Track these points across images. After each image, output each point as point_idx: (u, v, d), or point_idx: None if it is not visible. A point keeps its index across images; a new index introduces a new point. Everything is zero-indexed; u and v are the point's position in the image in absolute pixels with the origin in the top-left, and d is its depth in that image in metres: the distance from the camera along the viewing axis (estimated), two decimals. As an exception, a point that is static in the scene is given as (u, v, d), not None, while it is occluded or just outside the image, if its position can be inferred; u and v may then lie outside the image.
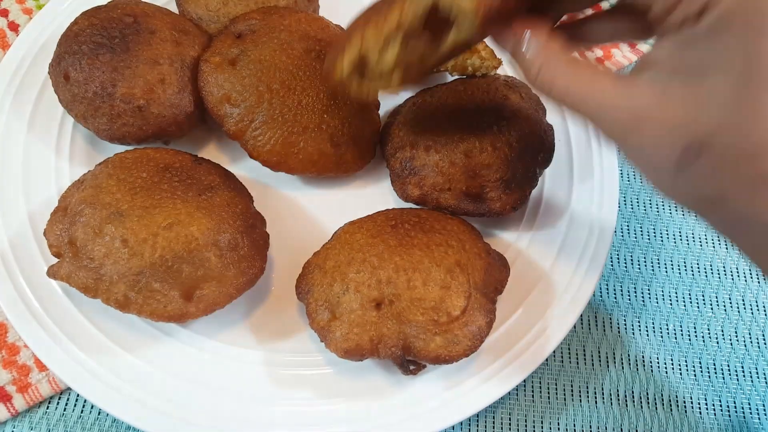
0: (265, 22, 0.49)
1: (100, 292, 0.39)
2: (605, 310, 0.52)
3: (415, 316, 0.39)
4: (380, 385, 0.43)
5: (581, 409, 0.48)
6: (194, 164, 0.45)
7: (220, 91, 0.47)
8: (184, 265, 0.40)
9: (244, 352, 0.45)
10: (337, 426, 0.42)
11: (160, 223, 0.40)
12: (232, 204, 0.44)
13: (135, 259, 0.39)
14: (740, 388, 0.49)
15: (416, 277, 0.40)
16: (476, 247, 0.43)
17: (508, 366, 0.44)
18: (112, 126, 0.46)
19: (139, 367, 0.43)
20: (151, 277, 0.39)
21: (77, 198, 0.41)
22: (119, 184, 0.41)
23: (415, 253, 0.41)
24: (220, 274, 0.41)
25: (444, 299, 0.40)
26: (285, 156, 0.47)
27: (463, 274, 0.41)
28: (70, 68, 0.46)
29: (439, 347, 0.39)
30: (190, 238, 0.40)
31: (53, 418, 0.46)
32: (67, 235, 0.40)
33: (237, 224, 0.43)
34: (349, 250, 0.43)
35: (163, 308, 0.39)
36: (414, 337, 0.40)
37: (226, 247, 0.41)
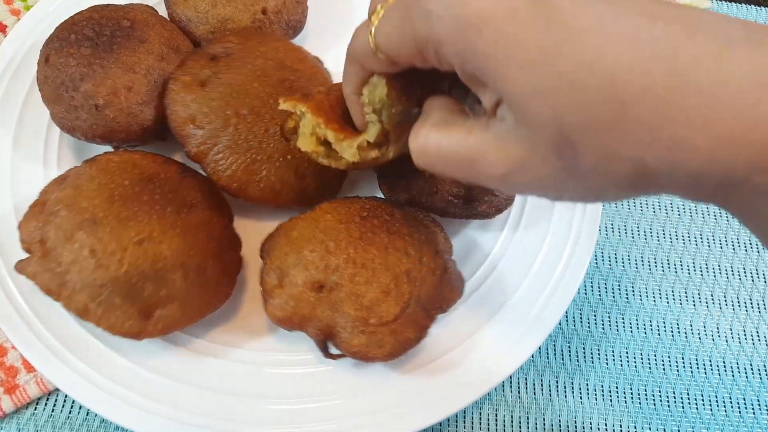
0: (242, 47, 0.49)
1: (62, 297, 0.39)
2: (590, 307, 0.53)
3: (349, 309, 0.40)
4: (367, 383, 0.44)
5: (566, 405, 0.49)
6: (180, 177, 0.45)
7: (185, 111, 0.46)
8: (147, 284, 0.40)
9: (231, 351, 0.45)
10: (325, 424, 0.42)
11: (131, 238, 0.40)
12: (209, 225, 0.43)
13: (100, 271, 0.39)
14: (722, 382, 0.50)
15: (362, 274, 0.41)
16: (434, 263, 0.43)
17: (493, 362, 0.44)
18: (66, 116, 0.46)
19: (128, 368, 0.43)
20: (114, 291, 0.39)
21: (56, 197, 0.41)
22: (99, 189, 0.41)
23: (370, 250, 0.41)
24: (183, 297, 0.41)
25: (380, 303, 0.40)
26: (246, 183, 0.46)
27: (409, 284, 0.41)
28: (52, 51, 0.47)
29: (361, 345, 0.40)
30: (159, 257, 0.40)
31: (41, 419, 0.45)
32: (40, 234, 0.40)
33: (209, 247, 0.42)
34: (314, 227, 0.43)
35: (120, 324, 0.39)
36: (341, 328, 0.41)
37: (193, 270, 0.41)
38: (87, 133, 0.46)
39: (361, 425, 0.42)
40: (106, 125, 0.46)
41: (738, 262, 0.56)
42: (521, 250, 0.50)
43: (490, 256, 0.49)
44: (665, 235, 0.57)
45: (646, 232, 0.57)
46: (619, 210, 0.58)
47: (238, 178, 0.46)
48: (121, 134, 0.47)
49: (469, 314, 0.47)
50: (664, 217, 0.58)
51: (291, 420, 0.42)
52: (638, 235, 0.57)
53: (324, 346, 0.42)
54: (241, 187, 0.46)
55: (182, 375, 0.43)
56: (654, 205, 0.58)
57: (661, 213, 0.58)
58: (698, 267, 0.56)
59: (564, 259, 0.49)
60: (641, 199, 0.59)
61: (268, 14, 0.53)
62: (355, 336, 0.40)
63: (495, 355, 0.45)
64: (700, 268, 0.56)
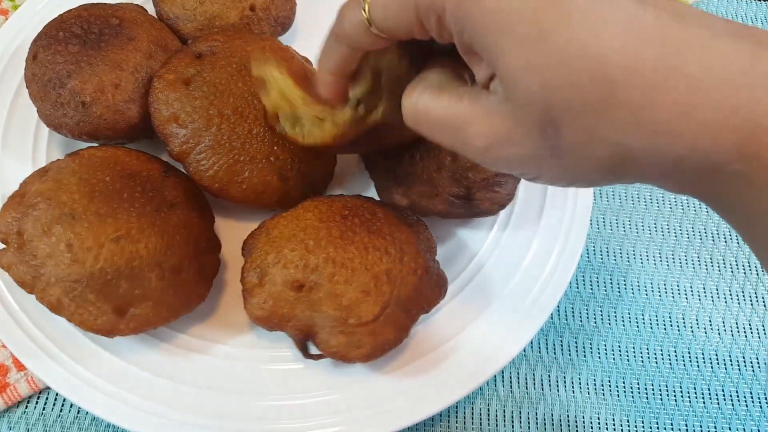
0: (227, 46, 0.48)
1: (36, 289, 0.39)
2: (582, 301, 0.53)
3: (328, 308, 0.40)
4: (360, 378, 0.44)
5: (559, 399, 0.48)
6: (162, 176, 0.45)
7: (168, 109, 0.46)
8: (122, 281, 0.39)
9: (222, 349, 0.45)
10: (312, 420, 0.42)
11: (109, 234, 0.40)
12: (188, 226, 0.43)
13: (76, 266, 0.39)
14: (714, 375, 0.50)
15: (342, 274, 0.40)
16: (415, 263, 0.42)
17: (484, 356, 0.44)
18: (54, 113, 0.46)
19: (119, 366, 0.43)
20: (88, 287, 0.39)
21: (36, 189, 0.41)
22: (80, 183, 0.41)
23: (350, 250, 0.41)
24: (157, 296, 0.41)
25: (360, 303, 0.40)
26: (228, 183, 0.46)
27: (389, 284, 0.41)
28: (40, 48, 0.47)
29: (339, 345, 0.40)
30: (135, 255, 0.40)
31: (32, 418, 0.45)
32: (17, 225, 0.40)
33: (187, 249, 0.42)
34: (295, 225, 0.43)
35: (93, 320, 0.39)
36: (320, 328, 0.40)
37: (169, 270, 0.41)
38: (74, 130, 0.46)
39: (350, 421, 0.42)
40: (93, 122, 0.46)
41: (730, 254, 0.56)
42: (511, 245, 0.50)
43: (480, 251, 0.49)
44: (657, 228, 0.57)
45: (638, 226, 0.57)
46: (610, 203, 0.58)
47: (219, 178, 0.46)
48: (108, 132, 0.46)
49: (460, 309, 0.47)
50: (656, 211, 0.58)
51: (279, 416, 0.42)
52: (630, 228, 0.57)
53: (303, 346, 0.42)
54: (223, 188, 0.46)
55: (173, 372, 0.43)
56: (645, 198, 0.58)
57: (652, 206, 0.58)
58: (690, 260, 0.56)
59: (555, 253, 0.49)
60: (633, 192, 0.59)
61: (257, 11, 0.53)
62: (334, 336, 0.40)
63: (486, 350, 0.45)
64: (692, 261, 0.55)
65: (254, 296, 0.42)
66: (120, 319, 0.40)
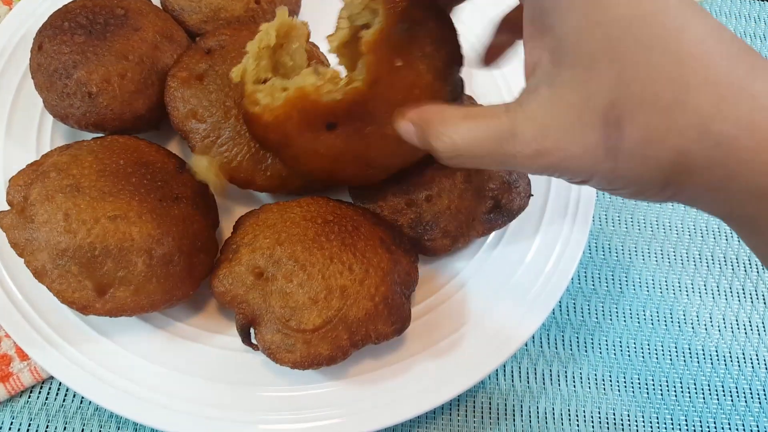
0: (235, 38, 0.49)
1: (25, 253, 0.39)
2: (584, 297, 0.53)
3: (275, 304, 0.40)
4: (363, 370, 0.44)
5: (560, 393, 0.49)
6: (176, 171, 0.45)
7: (186, 106, 0.46)
8: (108, 260, 0.39)
9: (225, 339, 0.45)
10: (319, 410, 0.42)
11: (107, 211, 0.40)
12: (188, 221, 0.43)
13: (66, 236, 0.39)
14: (714, 371, 0.51)
15: (298, 275, 0.40)
16: (375, 289, 0.41)
17: (487, 350, 0.44)
18: (60, 103, 0.46)
19: (122, 355, 0.43)
20: (73, 259, 0.39)
21: (53, 160, 0.42)
22: (94, 162, 0.42)
23: (315, 254, 0.41)
24: (140, 282, 0.40)
25: (305, 309, 0.40)
26: (252, 173, 0.46)
27: (340, 301, 0.40)
28: (45, 39, 0.47)
29: (273, 342, 0.40)
30: (127, 237, 0.40)
31: (35, 408, 0.46)
32: (25, 190, 0.41)
33: (181, 242, 0.42)
34: (279, 217, 0.43)
35: (71, 292, 0.39)
36: (263, 320, 0.40)
37: (158, 259, 0.41)
38: (80, 120, 0.46)
39: (351, 413, 0.42)
40: (99, 113, 0.46)
41: (731, 252, 0.56)
42: (516, 239, 0.50)
43: (485, 245, 0.49)
44: (658, 225, 0.57)
45: (640, 223, 0.57)
46: (613, 201, 0.58)
47: (244, 168, 0.46)
48: (114, 122, 0.46)
49: (464, 301, 0.47)
50: (658, 208, 0.58)
51: (277, 408, 0.42)
52: (632, 225, 0.57)
53: (245, 332, 0.41)
54: (249, 178, 0.46)
55: (177, 363, 0.43)
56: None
57: (654, 204, 0.58)
58: (691, 257, 0.56)
59: (557, 249, 0.49)
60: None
61: (262, 3, 0.53)
62: (271, 332, 0.40)
63: (488, 343, 0.45)
64: (692, 258, 0.56)
65: (220, 269, 0.42)
66: (98, 298, 0.40)
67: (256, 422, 0.42)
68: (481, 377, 0.43)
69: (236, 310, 0.41)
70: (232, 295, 0.41)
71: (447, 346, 0.45)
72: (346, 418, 0.42)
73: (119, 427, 0.45)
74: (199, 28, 0.52)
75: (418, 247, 0.47)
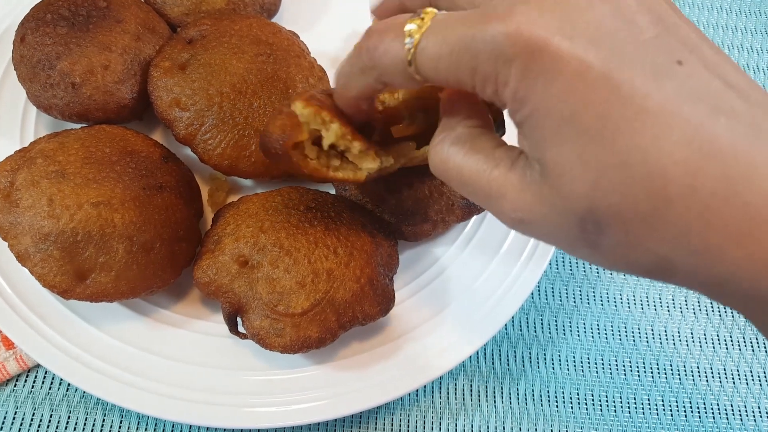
0: (216, 27, 0.49)
1: (9, 236, 0.40)
2: (561, 281, 0.54)
3: (262, 290, 0.41)
4: (346, 354, 0.45)
5: (539, 375, 0.50)
6: (161, 161, 0.46)
7: (169, 95, 0.47)
8: (90, 246, 0.40)
9: (209, 325, 0.46)
10: (303, 393, 0.43)
11: (90, 198, 0.40)
12: (170, 210, 0.44)
13: (50, 221, 0.40)
14: (690, 352, 0.52)
15: (284, 260, 0.41)
16: (361, 271, 0.42)
17: (467, 331, 0.45)
18: (43, 94, 0.47)
19: (107, 341, 0.44)
20: (56, 243, 0.40)
21: (40, 147, 0.43)
22: (80, 149, 0.42)
23: (300, 240, 0.42)
24: (120, 269, 0.41)
25: (292, 293, 0.40)
26: (236, 159, 0.47)
27: (327, 283, 0.41)
28: (28, 31, 0.47)
29: (262, 328, 0.41)
30: (109, 223, 0.40)
31: (21, 396, 0.46)
32: (12, 175, 0.41)
33: (162, 231, 0.43)
34: (261, 205, 0.44)
35: (52, 276, 0.40)
36: (250, 307, 0.41)
37: (139, 246, 0.41)
38: (63, 111, 0.47)
39: (333, 395, 0.43)
40: (83, 103, 0.46)
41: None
42: (495, 224, 0.51)
43: (465, 230, 0.50)
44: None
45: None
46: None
47: (228, 155, 0.47)
48: (98, 112, 0.47)
49: (446, 285, 0.48)
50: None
51: (261, 391, 0.43)
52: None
53: (232, 321, 0.42)
54: (233, 164, 0.47)
55: (162, 348, 0.44)
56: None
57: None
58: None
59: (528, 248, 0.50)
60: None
61: (243, -5, 0.53)
62: (259, 318, 0.41)
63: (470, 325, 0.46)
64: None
65: (203, 261, 0.43)
66: (78, 283, 0.41)
67: (241, 405, 0.42)
68: (461, 359, 0.44)
69: (222, 299, 0.42)
70: (216, 285, 0.42)
71: (429, 329, 0.46)
72: (329, 401, 0.43)
73: (105, 413, 0.46)
74: (180, 21, 0.53)
75: (400, 232, 0.47)
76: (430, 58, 0.27)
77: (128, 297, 0.42)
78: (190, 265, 0.45)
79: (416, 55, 0.27)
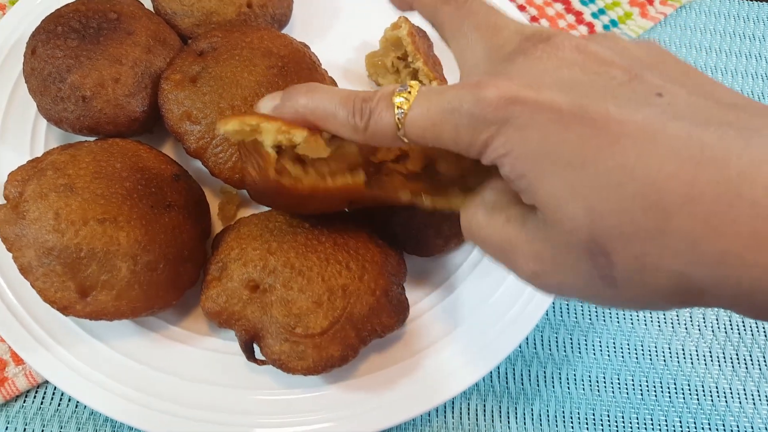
0: (227, 40, 0.49)
1: (14, 248, 0.40)
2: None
3: (277, 313, 0.40)
4: (350, 375, 0.44)
5: (554, 394, 0.49)
6: (172, 179, 0.45)
7: (180, 108, 0.46)
8: (93, 263, 0.40)
9: (222, 343, 0.45)
10: (312, 414, 0.42)
11: (96, 214, 0.40)
12: (177, 230, 0.43)
13: (54, 235, 0.39)
14: (708, 372, 0.51)
15: (297, 281, 0.40)
16: (375, 283, 0.41)
17: (481, 350, 0.44)
18: (53, 107, 0.46)
19: (118, 359, 0.43)
20: (59, 258, 0.39)
21: (52, 158, 0.42)
22: (91, 163, 0.42)
23: (311, 258, 0.41)
24: (122, 288, 0.40)
25: (310, 313, 0.39)
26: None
27: (344, 299, 0.40)
28: (39, 43, 0.47)
29: (282, 352, 0.40)
30: (114, 241, 0.40)
31: (30, 412, 0.46)
32: (22, 186, 0.41)
33: (167, 251, 0.42)
34: (264, 225, 0.43)
35: (53, 292, 0.40)
36: (267, 332, 0.40)
37: (142, 265, 0.41)
38: (74, 124, 0.46)
39: (340, 418, 0.42)
40: (93, 117, 0.46)
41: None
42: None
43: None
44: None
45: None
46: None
47: (239, 169, 0.46)
48: (108, 126, 0.47)
49: (459, 301, 0.47)
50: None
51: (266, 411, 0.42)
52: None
53: (249, 348, 0.41)
54: (244, 179, 0.46)
55: (171, 366, 0.43)
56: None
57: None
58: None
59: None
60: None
61: (254, 7, 0.53)
62: (279, 343, 0.40)
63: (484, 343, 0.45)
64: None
65: (210, 289, 0.42)
66: (79, 299, 0.40)
67: (253, 426, 0.42)
68: (476, 379, 0.43)
69: (236, 328, 0.41)
70: (228, 313, 0.41)
71: (442, 348, 0.45)
72: (339, 422, 0.42)
73: (114, 431, 0.45)
74: (191, 32, 0.52)
75: (412, 246, 0.47)
76: (417, 127, 0.29)
77: (128, 317, 0.41)
78: (194, 286, 0.44)
79: (405, 125, 0.29)
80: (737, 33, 0.70)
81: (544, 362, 0.50)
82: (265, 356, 0.40)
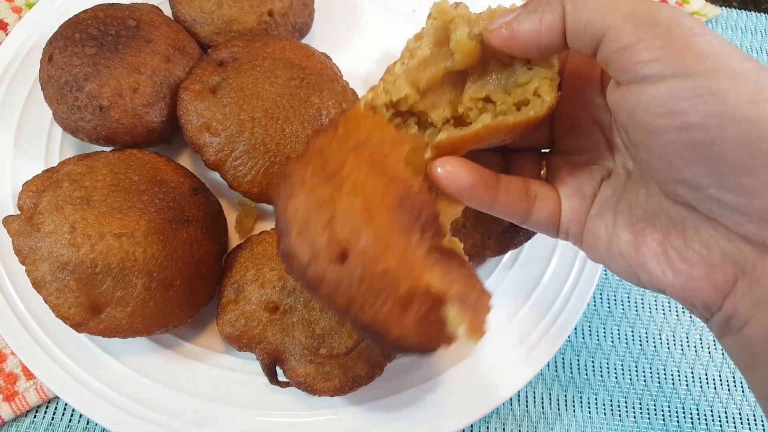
0: (248, 50, 0.48)
1: (27, 261, 0.39)
2: (599, 320, 0.52)
3: (300, 335, 0.39)
4: (363, 399, 0.43)
5: (575, 419, 0.48)
6: (190, 192, 0.44)
7: (199, 119, 0.45)
8: (108, 279, 0.39)
9: (236, 362, 0.44)
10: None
11: (113, 229, 0.39)
12: (194, 246, 0.42)
13: (70, 249, 0.38)
14: (731, 398, 0.50)
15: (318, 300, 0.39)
16: None
17: (502, 374, 0.43)
18: (70, 116, 0.45)
19: (131, 376, 0.42)
20: (73, 273, 0.38)
21: (68, 169, 0.41)
22: (108, 175, 0.41)
23: None
24: (137, 305, 0.39)
25: (334, 333, 0.39)
26: (267, 187, 0.45)
27: None
28: (56, 50, 0.46)
29: (307, 374, 0.39)
30: (130, 256, 0.39)
31: (40, 428, 0.45)
32: (37, 197, 0.40)
33: (184, 267, 0.41)
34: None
35: (66, 308, 0.38)
36: (290, 354, 0.39)
37: (158, 282, 0.40)
38: (90, 134, 0.45)
39: None
40: (111, 126, 0.45)
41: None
42: (532, 259, 0.49)
43: (500, 264, 0.49)
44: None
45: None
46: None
47: (258, 182, 0.45)
48: (126, 136, 0.46)
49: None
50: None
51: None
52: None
53: (271, 371, 0.40)
54: (263, 192, 0.45)
55: (185, 385, 0.42)
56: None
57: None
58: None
59: (575, 270, 0.48)
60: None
61: (275, 16, 0.52)
62: (303, 365, 0.39)
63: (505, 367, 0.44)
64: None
65: (227, 313, 0.40)
66: (93, 317, 0.39)
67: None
68: (498, 403, 0.42)
69: (257, 351, 0.40)
70: (248, 336, 0.40)
71: (463, 369, 0.44)
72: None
73: (126, 448, 0.44)
74: (211, 40, 0.51)
75: None
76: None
77: (142, 335, 0.41)
78: (209, 303, 0.43)
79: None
80: (764, 49, 0.68)
81: (565, 386, 0.49)
82: (289, 378, 0.39)
